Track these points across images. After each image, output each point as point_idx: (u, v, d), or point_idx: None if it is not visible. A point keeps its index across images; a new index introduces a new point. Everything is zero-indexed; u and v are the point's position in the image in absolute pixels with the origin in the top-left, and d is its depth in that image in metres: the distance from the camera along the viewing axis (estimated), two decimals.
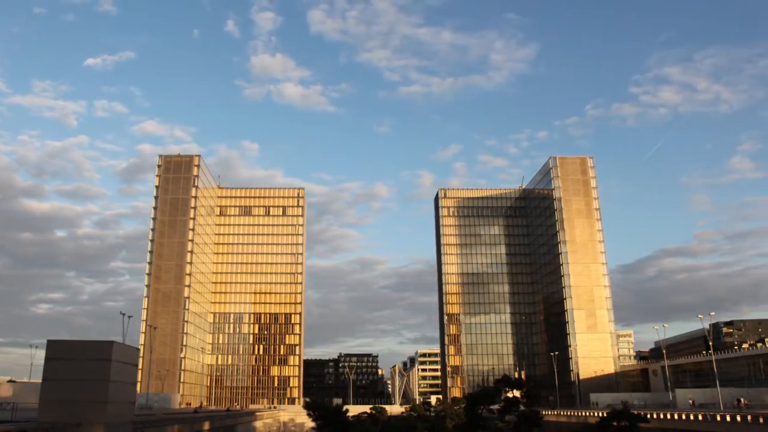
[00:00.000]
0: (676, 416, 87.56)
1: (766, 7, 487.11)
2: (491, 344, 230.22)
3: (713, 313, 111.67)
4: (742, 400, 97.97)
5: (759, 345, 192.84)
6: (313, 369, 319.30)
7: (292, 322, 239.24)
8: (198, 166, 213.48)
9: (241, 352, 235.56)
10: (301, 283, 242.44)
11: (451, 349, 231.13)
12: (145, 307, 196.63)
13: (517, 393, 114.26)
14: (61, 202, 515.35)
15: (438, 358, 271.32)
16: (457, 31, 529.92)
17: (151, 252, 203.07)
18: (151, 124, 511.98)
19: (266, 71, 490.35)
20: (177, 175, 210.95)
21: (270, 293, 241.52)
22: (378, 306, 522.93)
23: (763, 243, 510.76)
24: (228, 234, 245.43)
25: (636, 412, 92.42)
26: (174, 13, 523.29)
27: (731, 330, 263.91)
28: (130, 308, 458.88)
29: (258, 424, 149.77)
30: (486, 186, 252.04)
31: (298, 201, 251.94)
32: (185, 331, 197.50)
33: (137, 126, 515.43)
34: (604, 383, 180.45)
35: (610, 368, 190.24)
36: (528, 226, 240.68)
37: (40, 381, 46.35)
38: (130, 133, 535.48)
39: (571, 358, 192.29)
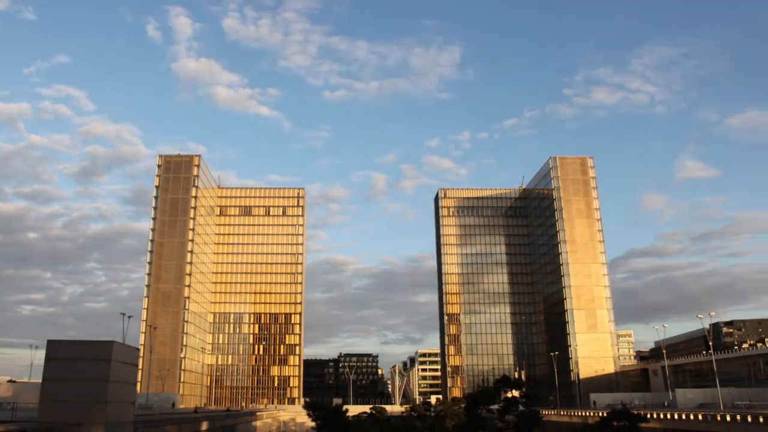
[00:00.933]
0: (676, 416, 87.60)
1: (687, 8, 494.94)
2: (491, 344, 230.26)
3: (713, 313, 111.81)
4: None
5: (759, 345, 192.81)
6: (313, 369, 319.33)
7: (292, 322, 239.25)
8: (198, 166, 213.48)
9: (241, 352, 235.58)
10: (301, 283, 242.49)
11: (451, 349, 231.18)
12: (145, 307, 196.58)
13: (516, 393, 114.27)
14: (23, 204, 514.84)
15: (438, 358, 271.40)
16: (372, 39, 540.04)
17: (151, 252, 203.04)
18: (97, 127, 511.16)
19: (195, 75, 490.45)
20: (177, 175, 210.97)
21: (270, 293, 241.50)
22: (356, 306, 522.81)
23: (728, 243, 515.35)
24: (228, 234, 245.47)
25: (636, 412, 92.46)
26: (94, 18, 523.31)
27: (731, 330, 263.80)
28: (113, 309, 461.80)
29: (258, 424, 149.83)
30: (485, 186, 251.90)
31: (298, 201, 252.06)
32: (185, 331, 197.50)
33: (84, 128, 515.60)
34: (604, 383, 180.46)
35: (610, 368, 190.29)
36: (528, 226, 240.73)
37: (40, 381, 46.36)
38: (78, 136, 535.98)
39: (571, 358, 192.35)
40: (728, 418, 74.89)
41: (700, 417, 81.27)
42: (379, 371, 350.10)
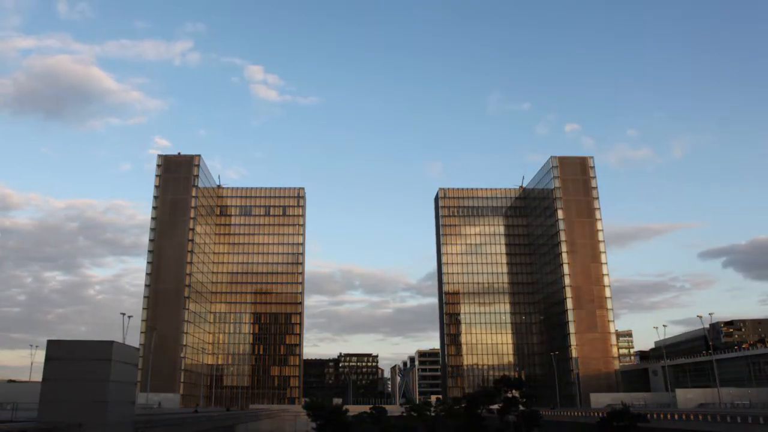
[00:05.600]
0: (676, 416, 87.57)
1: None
2: (491, 344, 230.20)
3: (713, 313, 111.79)
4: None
5: (759, 345, 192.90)
6: (313, 369, 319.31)
7: (292, 322, 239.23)
8: (198, 166, 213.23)
9: (241, 352, 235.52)
10: (301, 282, 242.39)
11: (451, 349, 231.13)
12: (145, 307, 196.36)
13: (516, 393, 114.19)
14: None
15: (438, 358, 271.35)
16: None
17: (151, 252, 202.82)
18: None
19: None
20: (177, 175, 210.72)
21: (270, 293, 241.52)
22: None
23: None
24: (228, 234, 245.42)
25: (636, 412, 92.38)
26: None
27: (731, 330, 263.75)
28: (27, 314, 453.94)
29: (258, 423, 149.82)
30: (481, 186, 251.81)
31: (298, 201, 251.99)
32: (185, 331, 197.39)
33: None
34: (604, 383, 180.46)
35: (610, 368, 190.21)
36: (528, 226, 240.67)
37: (40, 381, 46.36)
38: None
39: (570, 358, 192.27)
40: (728, 419, 74.85)
41: (700, 417, 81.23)
42: (379, 371, 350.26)
